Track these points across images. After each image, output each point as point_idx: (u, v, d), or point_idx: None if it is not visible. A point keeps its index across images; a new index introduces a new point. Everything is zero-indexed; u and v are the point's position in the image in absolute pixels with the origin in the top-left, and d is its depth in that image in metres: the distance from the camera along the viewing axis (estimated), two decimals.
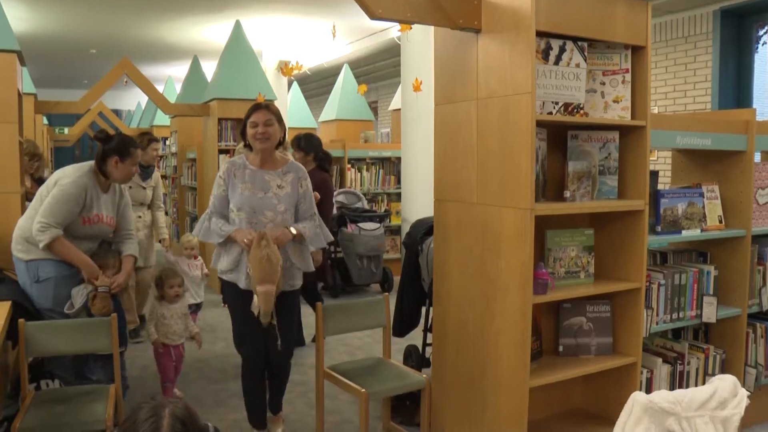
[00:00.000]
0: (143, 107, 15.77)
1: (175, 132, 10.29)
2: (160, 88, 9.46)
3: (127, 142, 3.66)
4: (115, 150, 3.58)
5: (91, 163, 3.63)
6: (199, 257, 5.44)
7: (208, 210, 3.44)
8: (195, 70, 10.16)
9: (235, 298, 3.41)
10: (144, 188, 5.44)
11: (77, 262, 3.47)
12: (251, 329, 3.36)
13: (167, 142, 11.67)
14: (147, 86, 7.28)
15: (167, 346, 4.05)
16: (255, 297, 3.21)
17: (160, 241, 5.68)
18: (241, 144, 6.15)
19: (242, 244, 3.24)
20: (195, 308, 5.19)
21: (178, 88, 11.33)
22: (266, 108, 3.40)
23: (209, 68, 9.36)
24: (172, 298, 4.08)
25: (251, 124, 3.36)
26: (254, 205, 3.32)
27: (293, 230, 3.35)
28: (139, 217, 5.32)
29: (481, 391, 3.01)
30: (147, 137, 5.55)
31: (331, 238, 3.71)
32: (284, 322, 3.38)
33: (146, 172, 5.47)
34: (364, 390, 3.11)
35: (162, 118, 12.29)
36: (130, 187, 4.94)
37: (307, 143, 5.43)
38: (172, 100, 9.98)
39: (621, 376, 3.18)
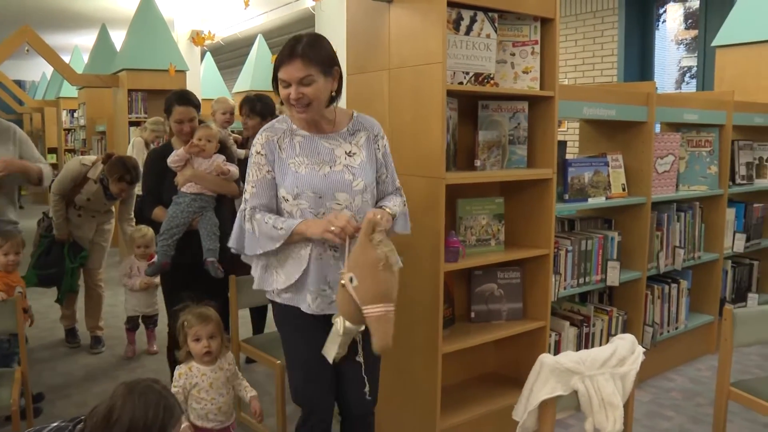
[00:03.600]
0: (48, 78, 15.05)
1: (84, 104, 9.90)
2: (66, 58, 9.03)
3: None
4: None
5: None
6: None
7: (243, 207, 2.29)
8: (103, 39, 9.78)
9: (297, 327, 2.35)
10: (105, 203, 4.43)
11: None
12: (322, 370, 2.31)
13: (75, 115, 11.24)
14: (51, 56, 6.97)
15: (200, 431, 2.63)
16: (340, 324, 2.10)
17: None
18: (155, 118, 5.98)
19: (331, 238, 2.12)
20: (152, 323, 4.60)
21: (86, 58, 10.87)
22: (301, 57, 2.14)
23: (118, 38, 9.00)
24: (200, 356, 2.62)
25: (281, 82, 2.21)
26: (318, 187, 2.22)
27: (390, 211, 2.29)
28: (93, 217, 4.45)
29: (395, 359, 3.04)
30: (119, 171, 4.15)
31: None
32: (370, 356, 2.28)
33: (112, 196, 4.35)
34: (279, 361, 3.10)
35: (69, 90, 11.77)
36: (89, 200, 4.31)
37: (264, 107, 4.57)
38: (79, 70, 9.57)
39: (531, 340, 3.29)
